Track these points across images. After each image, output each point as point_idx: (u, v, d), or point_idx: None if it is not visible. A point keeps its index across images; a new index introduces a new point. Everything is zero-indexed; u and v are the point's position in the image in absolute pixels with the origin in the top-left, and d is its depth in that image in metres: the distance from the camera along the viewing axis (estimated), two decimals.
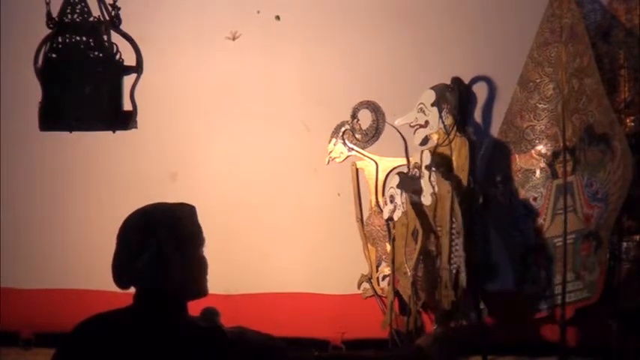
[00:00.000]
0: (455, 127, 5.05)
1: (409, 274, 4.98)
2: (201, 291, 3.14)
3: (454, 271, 4.91)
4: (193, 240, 3.11)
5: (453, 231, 4.90)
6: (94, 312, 3.19)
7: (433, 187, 4.92)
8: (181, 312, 3.04)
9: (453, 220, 4.90)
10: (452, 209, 4.87)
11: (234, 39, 5.47)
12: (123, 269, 3.05)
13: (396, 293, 5.12)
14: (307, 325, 5.50)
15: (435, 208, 4.94)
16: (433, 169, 4.92)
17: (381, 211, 5.20)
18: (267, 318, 5.55)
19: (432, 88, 5.10)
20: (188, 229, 3.11)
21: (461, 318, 4.88)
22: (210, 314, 3.10)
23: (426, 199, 4.94)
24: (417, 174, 5.02)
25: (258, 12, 5.49)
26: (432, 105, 5.07)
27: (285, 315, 5.53)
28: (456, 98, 5.06)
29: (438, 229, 4.96)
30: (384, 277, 5.29)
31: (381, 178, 5.31)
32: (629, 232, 4.94)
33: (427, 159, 4.94)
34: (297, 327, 5.49)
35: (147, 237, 3.05)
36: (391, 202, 5.05)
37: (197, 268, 3.10)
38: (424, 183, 4.95)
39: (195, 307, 3.20)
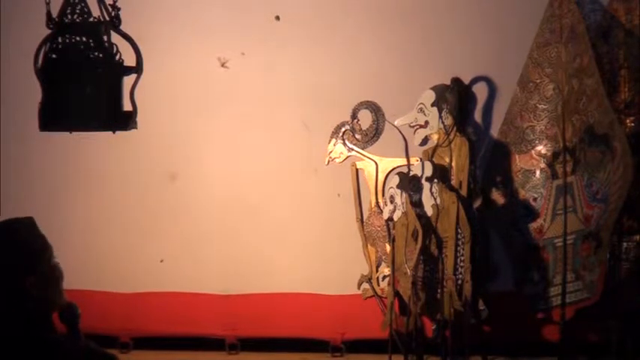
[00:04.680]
0: (455, 127, 5.05)
1: (409, 274, 4.98)
2: (60, 303, 2.98)
3: (459, 282, 4.91)
4: (40, 256, 2.95)
5: (459, 242, 4.91)
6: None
7: (435, 199, 4.93)
8: (43, 327, 2.89)
9: (459, 230, 4.90)
10: (458, 219, 4.88)
11: (222, 65, 5.48)
12: None
13: (396, 294, 5.12)
14: (307, 325, 5.49)
15: (437, 218, 4.95)
16: (435, 180, 4.92)
17: (381, 211, 5.20)
18: (267, 318, 5.55)
19: (432, 88, 5.10)
20: (31, 248, 2.94)
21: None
22: (72, 309, 2.98)
23: (427, 211, 4.94)
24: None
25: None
26: (432, 105, 5.07)
27: (285, 315, 5.53)
28: (456, 98, 5.06)
29: (444, 238, 4.97)
30: (383, 278, 5.29)
31: (381, 178, 5.30)
32: (629, 232, 4.94)
33: (428, 170, 4.93)
34: (297, 327, 5.49)
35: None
36: (391, 202, 5.05)
37: (52, 281, 2.95)
38: (424, 195, 4.94)
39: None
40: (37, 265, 2.88)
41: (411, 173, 5.01)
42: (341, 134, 5.31)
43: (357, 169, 5.34)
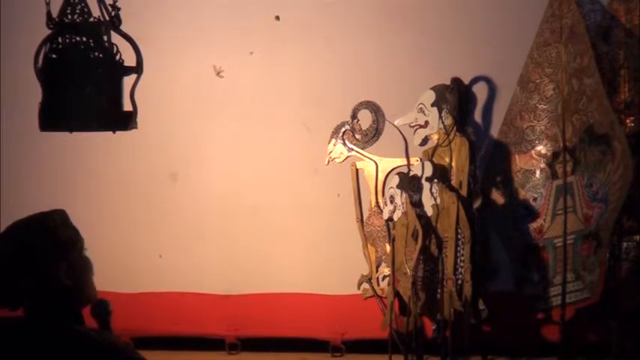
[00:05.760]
0: (455, 127, 5.05)
1: (409, 274, 4.98)
2: (90, 296, 3.01)
3: (459, 282, 4.91)
4: (72, 245, 2.98)
5: (459, 242, 4.91)
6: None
7: (435, 199, 4.93)
8: (73, 320, 2.91)
9: (459, 230, 4.90)
10: (458, 219, 4.88)
11: (218, 73, 5.48)
12: (6, 292, 2.90)
13: (396, 294, 5.12)
14: (307, 325, 5.49)
15: (437, 218, 4.95)
16: (435, 180, 4.92)
17: (381, 211, 5.20)
18: (267, 318, 5.55)
19: (432, 88, 5.09)
20: (64, 236, 2.97)
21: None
22: (103, 304, 3.01)
23: (427, 211, 4.94)
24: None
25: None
26: (432, 105, 5.07)
27: (285, 315, 5.53)
28: (456, 98, 5.06)
29: (444, 238, 4.96)
30: (383, 278, 5.29)
31: (381, 178, 5.30)
32: (629, 232, 4.94)
33: (427, 170, 4.93)
34: (297, 327, 5.49)
35: (23, 255, 2.91)
36: (391, 202, 5.05)
37: (82, 272, 2.98)
38: (424, 195, 4.94)
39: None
40: (68, 254, 2.91)
41: (411, 173, 5.01)
42: (341, 134, 5.31)
43: (357, 169, 5.34)
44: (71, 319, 2.90)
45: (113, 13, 3.70)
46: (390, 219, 5.07)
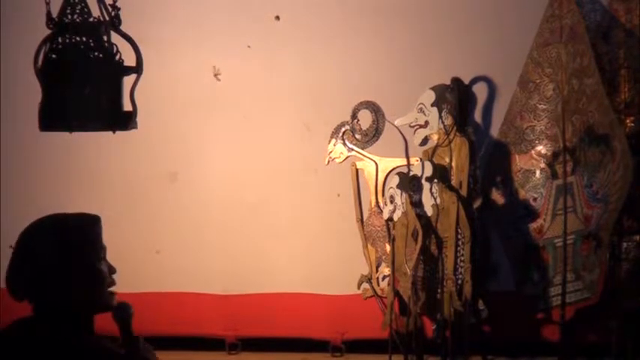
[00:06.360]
0: (455, 127, 5.05)
1: (409, 274, 4.98)
2: (103, 306, 3.03)
3: (459, 282, 4.91)
4: (87, 252, 2.99)
5: (459, 242, 4.91)
6: None
7: (435, 199, 4.93)
8: (80, 327, 2.92)
9: (459, 230, 4.91)
10: (458, 219, 4.88)
11: (215, 75, 5.49)
12: (15, 280, 2.93)
13: (396, 294, 5.12)
14: (307, 325, 5.49)
15: (437, 218, 4.95)
16: (435, 180, 4.92)
17: (381, 211, 5.20)
18: (266, 318, 5.55)
19: (432, 88, 5.09)
20: (81, 240, 2.98)
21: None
22: (124, 308, 3.03)
23: (427, 211, 4.94)
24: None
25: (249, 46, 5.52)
26: (432, 105, 5.07)
27: (285, 315, 5.53)
28: (456, 98, 5.06)
29: (444, 238, 4.96)
30: (384, 278, 5.29)
31: (381, 178, 5.31)
32: (629, 232, 4.94)
33: (428, 170, 4.93)
34: (296, 327, 5.49)
35: (21, 255, 2.94)
36: (391, 202, 5.05)
37: (92, 282, 2.99)
38: (424, 195, 4.94)
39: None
40: (76, 260, 2.91)
41: (411, 173, 5.01)
42: (341, 134, 5.31)
43: (357, 169, 5.34)
44: (77, 325, 2.89)
45: (113, 13, 3.69)
46: (390, 219, 5.07)
